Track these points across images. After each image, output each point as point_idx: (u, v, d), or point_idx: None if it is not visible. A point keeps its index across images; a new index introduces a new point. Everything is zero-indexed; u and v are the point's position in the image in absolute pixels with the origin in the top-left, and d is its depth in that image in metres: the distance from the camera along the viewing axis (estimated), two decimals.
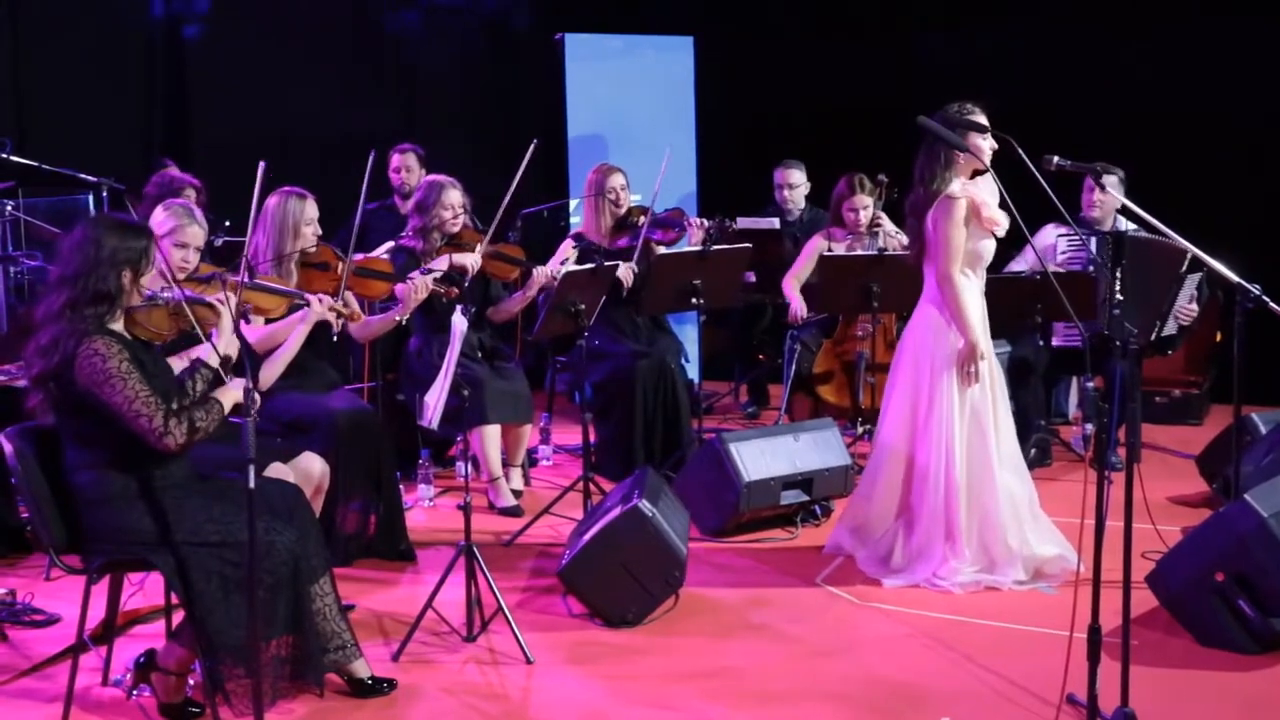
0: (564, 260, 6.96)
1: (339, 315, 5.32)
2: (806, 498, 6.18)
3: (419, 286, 6.03)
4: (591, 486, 6.12)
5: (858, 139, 8.64)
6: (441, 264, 6.28)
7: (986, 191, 5.29)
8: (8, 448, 4.18)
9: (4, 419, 4.48)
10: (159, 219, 5.18)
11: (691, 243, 7.12)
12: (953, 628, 4.95)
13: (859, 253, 7.35)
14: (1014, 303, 6.55)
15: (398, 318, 6.01)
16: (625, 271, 6.80)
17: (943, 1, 9.70)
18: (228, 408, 4.18)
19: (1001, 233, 5.33)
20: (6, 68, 9.19)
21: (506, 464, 6.76)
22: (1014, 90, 8.35)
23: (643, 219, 7.08)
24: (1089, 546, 3.80)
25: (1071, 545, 5.35)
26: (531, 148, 6.25)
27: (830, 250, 7.51)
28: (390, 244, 6.74)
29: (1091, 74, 8.99)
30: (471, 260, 6.43)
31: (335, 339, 5.58)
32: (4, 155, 7.95)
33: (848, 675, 4.56)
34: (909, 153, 5.41)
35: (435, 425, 4.94)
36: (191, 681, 4.25)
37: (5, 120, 8.76)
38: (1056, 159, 4.15)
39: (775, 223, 8.45)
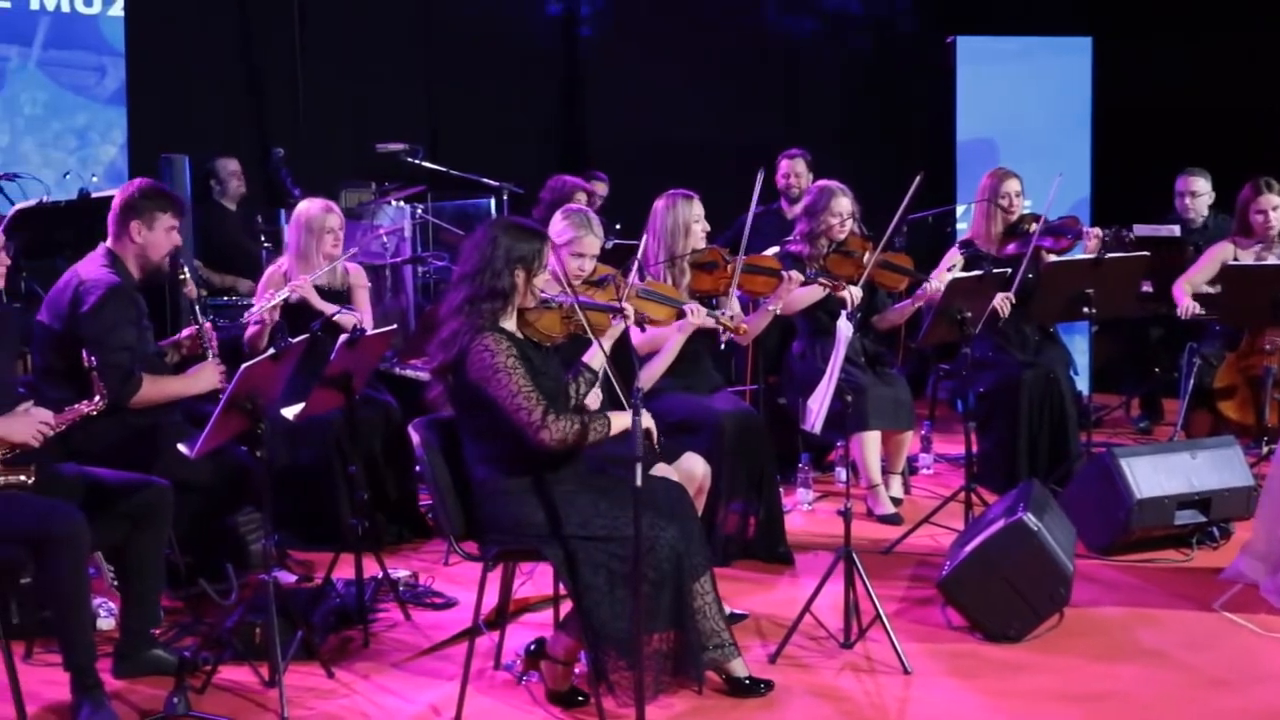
0: (950, 267, 6.84)
1: (725, 329, 5.36)
2: (1203, 519, 5.87)
3: (792, 279, 5.99)
4: (973, 497, 6.00)
5: (1268, 142, 8.17)
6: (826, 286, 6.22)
7: None
8: (415, 438, 4.43)
9: (415, 411, 4.75)
10: (558, 228, 5.38)
11: (1086, 251, 6.86)
12: None
13: (1268, 262, 6.93)
14: None
15: (770, 307, 5.99)
16: (1002, 301, 6.59)
17: None
18: (614, 430, 4.28)
19: None
20: (421, 80, 9.80)
21: (886, 471, 6.70)
22: None
23: (1034, 226, 6.88)
24: None
25: None
26: (917, 180, 6.14)
27: (1235, 259, 7.12)
28: (775, 249, 6.79)
29: None
30: (855, 293, 6.33)
31: (723, 347, 5.64)
32: (416, 161, 8.46)
33: (1247, 710, 4.31)
34: None
35: (818, 429, 4.94)
36: (578, 671, 4.40)
37: (419, 129, 9.32)
38: None
39: (1176, 230, 8.06)
